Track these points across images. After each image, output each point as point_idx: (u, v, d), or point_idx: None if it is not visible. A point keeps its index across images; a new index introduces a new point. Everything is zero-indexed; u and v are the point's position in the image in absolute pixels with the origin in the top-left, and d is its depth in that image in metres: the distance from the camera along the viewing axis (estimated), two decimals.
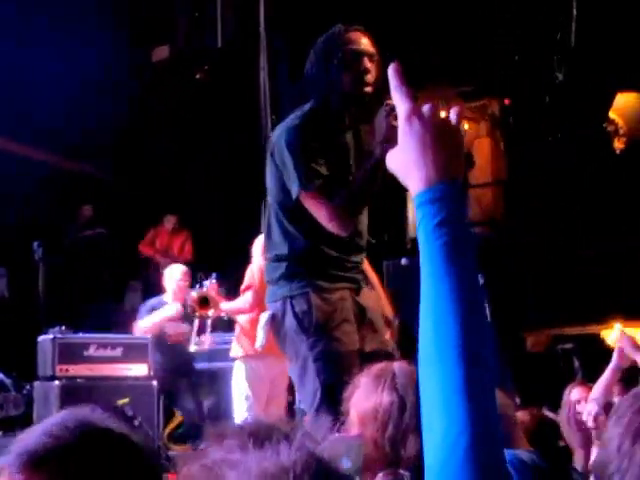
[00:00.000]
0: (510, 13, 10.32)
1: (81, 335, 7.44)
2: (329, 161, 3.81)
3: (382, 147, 3.61)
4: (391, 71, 1.48)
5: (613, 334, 4.80)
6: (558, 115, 10.64)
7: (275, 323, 3.93)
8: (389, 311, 4.53)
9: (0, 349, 8.26)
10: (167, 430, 8.26)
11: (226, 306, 7.19)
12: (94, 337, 7.43)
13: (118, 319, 10.04)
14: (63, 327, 7.39)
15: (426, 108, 1.43)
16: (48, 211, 10.23)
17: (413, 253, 10.36)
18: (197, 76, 10.64)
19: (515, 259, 10.13)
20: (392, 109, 3.44)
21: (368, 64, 3.82)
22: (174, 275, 7.98)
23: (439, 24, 10.57)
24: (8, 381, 7.76)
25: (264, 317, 4.02)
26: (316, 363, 3.76)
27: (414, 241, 11.13)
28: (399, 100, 1.45)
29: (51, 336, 7.23)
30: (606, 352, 4.72)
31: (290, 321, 3.83)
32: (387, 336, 4.18)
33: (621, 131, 10.41)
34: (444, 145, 1.40)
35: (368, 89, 3.82)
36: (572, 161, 10.33)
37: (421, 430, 1.31)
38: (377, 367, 2.61)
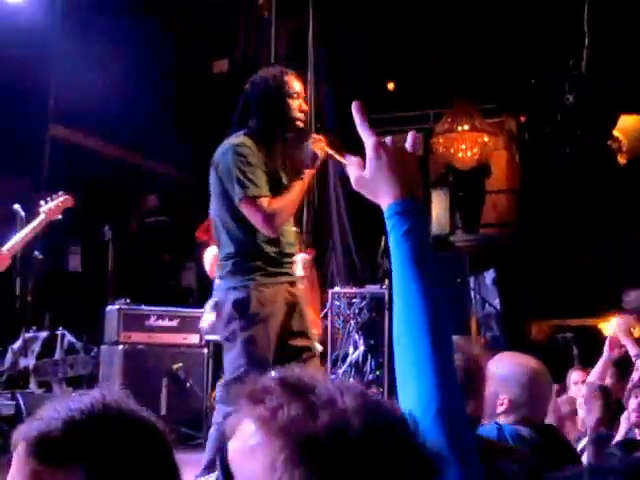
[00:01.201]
0: (529, 42, 10.29)
1: (143, 307, 7.50)
2: (264, 174, 4.02)
3: (309, 168, 4.12)
4: (354, 109, 1.56)
5: (610, 326, 4.78)
6: (568, 132, 10.58)
7: (218, 308, 4.09)
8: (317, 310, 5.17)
9: (73, 316, 8.35)
10: (214, 393, 8.31)
11: None
12: (154, 309, 7.49)
13: (175, 294, 10.14)
14: (128, 299, 7.46)
15: (388, 140, 1.53)
16: (118, 199, 10.31)
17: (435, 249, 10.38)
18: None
19: (524, 257, 10.09)
20: (316, 140, 4.08)
21: (303, 104, 4.12)
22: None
23: (467, 50, 10.56)
24: (79, 344, 7.84)
25: (210, 303, 4.17)
26: (247, 344, 3.96)
27: (435, 238, 11.17)
28: (365, 135, 1.55)
29: (117, 307, 7.31)
30: (601, 341, 4.71)
31: (229, 307, 4.01)
32: (315, 331, 4.49)
33: (624, 148, 10.34)
34: (405, 170, 1.51)
35: (300, 123, 4.11)
36: (579, 173, 10.28)
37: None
38: None
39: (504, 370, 2.90)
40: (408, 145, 1.57)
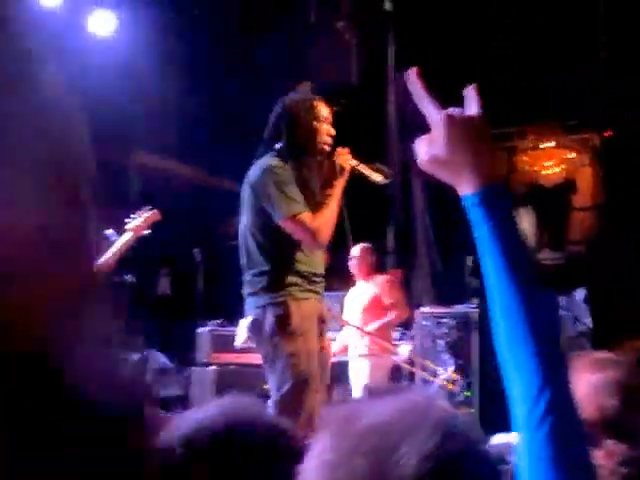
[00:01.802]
0: (609, 53, 10.10)
1: (233, 328, 7.50)
2: (299, 191, 4.17)
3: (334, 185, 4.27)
4: (410, 79, 1.40)
5: None
6: None
7: (256, 326, 4.12)
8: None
9: (165, 338, 8.42)
10: None
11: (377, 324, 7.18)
12: None
13: None
14: (219, 321, 7.49)
15: (457, 111, 1.37)
16: (204, 222, 10.40)
17: None
18: (334, 108, 10.62)
19: (614, 276, 9.81)
20: (340, 153, 4.23)
21: (331, 129, 4.26)
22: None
23: (547, 64, 10.40)
24: (171, 366, 7.89)
25: (246, 321, 4.19)
26: (290, 359, 4.02)
27: None
28: (429, 110, 1.38)
29: (208, 328, 7.34)
30: None
31: (270, 324, 4.05)
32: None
33: None
34: (482, 145, 1.36)
35: (327, 147, 4.25)
36: None
37: None
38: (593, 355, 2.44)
39: None
40: (473, 106, 1.38)
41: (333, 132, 4.25)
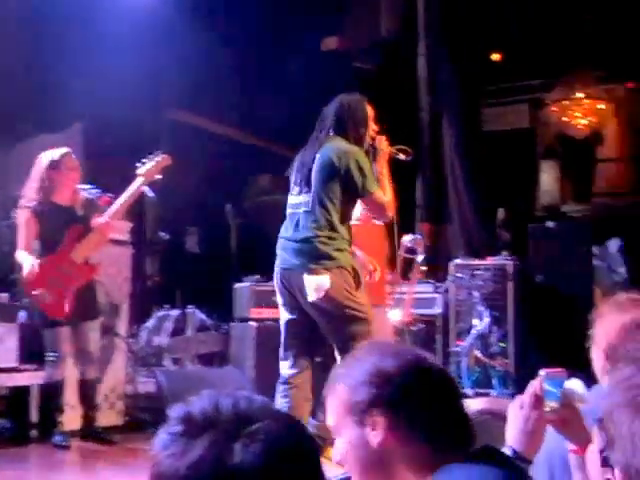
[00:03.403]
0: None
1: (272, 284, 7.38)
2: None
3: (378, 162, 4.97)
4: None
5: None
6: None
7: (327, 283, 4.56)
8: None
9: (200, 295, 8.28)
10: None
11: None
12: None
13: None
14: (258, 276, 7.36)
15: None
16: (237, 177, 10.24)
17: (543, 219, 10.01)
18: (358, 64, 10.41)
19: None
20: (381, 140, 4.98)
21: (375, 126, 4.97)
22: None
23: (573, 18, 10.15)
24: (209, 322, 7.76)
25: (316, 278, 4.56)
26: (363, 307, 4.60)
27: (545, 208, 10.82)
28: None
29: (247, 284, 7.22)
30: None
31: (341, 282, 4.55)
32: None
33: None
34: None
35: (372, 141, 4.95)
36: None
37: None
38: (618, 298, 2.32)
39: None
40: None
41: (377, 128, 4.94)
